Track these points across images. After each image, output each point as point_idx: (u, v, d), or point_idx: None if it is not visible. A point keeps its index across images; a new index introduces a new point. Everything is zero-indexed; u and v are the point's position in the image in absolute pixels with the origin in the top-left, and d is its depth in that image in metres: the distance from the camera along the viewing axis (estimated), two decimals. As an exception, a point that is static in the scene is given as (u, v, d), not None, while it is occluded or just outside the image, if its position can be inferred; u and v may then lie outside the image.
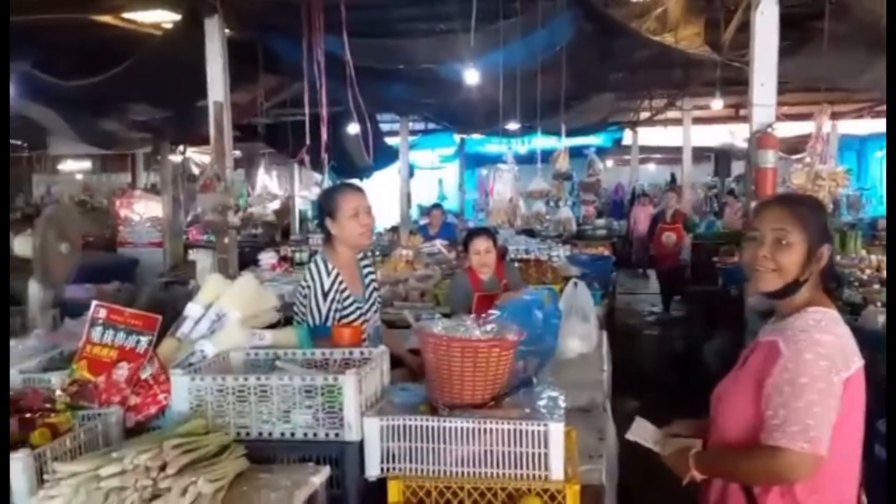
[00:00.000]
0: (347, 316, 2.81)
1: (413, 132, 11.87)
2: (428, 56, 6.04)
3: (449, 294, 4.50)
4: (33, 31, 6.20)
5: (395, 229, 10.89)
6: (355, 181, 7.45)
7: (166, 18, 6.86)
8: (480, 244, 4.12)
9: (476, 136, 12.57)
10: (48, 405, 1.93)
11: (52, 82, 6.85)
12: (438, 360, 1.96)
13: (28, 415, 1.86)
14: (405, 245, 6.82)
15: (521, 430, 1.81)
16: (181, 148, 12.47)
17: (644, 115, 13.64)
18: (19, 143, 13.42)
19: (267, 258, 7.12)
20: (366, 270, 3.07)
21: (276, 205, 13.44)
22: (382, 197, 10.77)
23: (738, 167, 15.61)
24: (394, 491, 1.87)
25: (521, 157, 10.35)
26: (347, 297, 2.84)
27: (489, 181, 13.38)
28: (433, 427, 1.87)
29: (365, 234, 2.89)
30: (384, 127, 11.61)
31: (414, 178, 12.41)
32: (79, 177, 15.19)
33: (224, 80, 5.80)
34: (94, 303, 2.03)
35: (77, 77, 6.88)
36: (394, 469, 1.91)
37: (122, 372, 1.96)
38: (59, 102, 7.72)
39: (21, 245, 4.26)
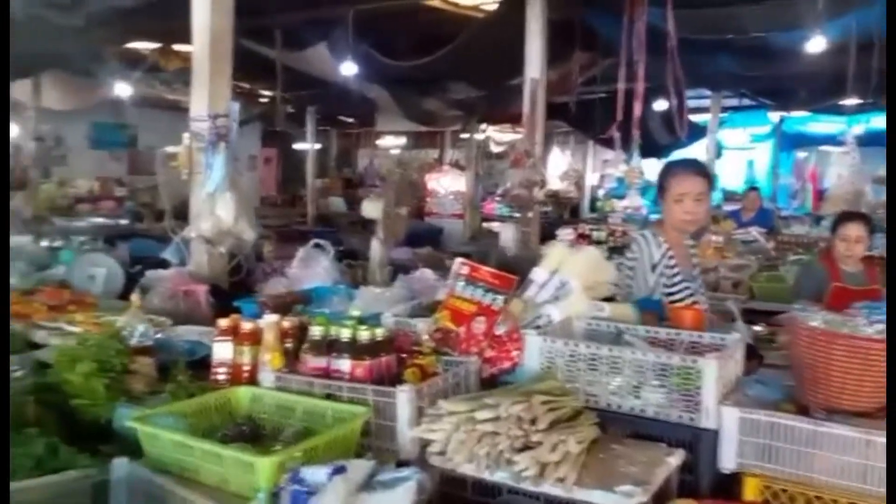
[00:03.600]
0: (674, 293, 2.71)
1: (724, 109, 10.92)
2: (763, 24, 5.46)
3: (797, 280, 4.06)
4: (372, 17, 6.96)
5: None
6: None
7: (486, 0, 7.26)
8: (853, 230, 3.65)
9: (798, 114, 11.12)
10: (416, 347, 2.15)
11: (387, 63, 7.66)
12: (815, 357, 1.75)
13: (403, 355, 2.09)
14: (715, 230, 6.33)
15: (925, 451, 1.53)
16: (483, 126, 13.21)
17: None
18: (351, 120, 15.49)
19: (564, 234, 7.16)
20: (692, 251, 2.95)
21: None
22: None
23: None
24: (751, 488, 1.74)
25: (857, 139, 8.99)
26: (676, 273, 2.74)
27: (809, 165, 11.84)
28: (805, 430, 1.68)
29: (688, 222, 2.74)
30: (689, 103, 10.92)
31: (720, 159, 11.49)
32: (394, 152, 16.98)
33: (542, 57, 5.96)
34: (457, 259, 2.20)
35: (407, 58, 7.60)
36: (749, 465, 1.76)
37: (480, 326, 2.09)
38: (391, 82, 8.63)
39: (367, 208, 4.87)
